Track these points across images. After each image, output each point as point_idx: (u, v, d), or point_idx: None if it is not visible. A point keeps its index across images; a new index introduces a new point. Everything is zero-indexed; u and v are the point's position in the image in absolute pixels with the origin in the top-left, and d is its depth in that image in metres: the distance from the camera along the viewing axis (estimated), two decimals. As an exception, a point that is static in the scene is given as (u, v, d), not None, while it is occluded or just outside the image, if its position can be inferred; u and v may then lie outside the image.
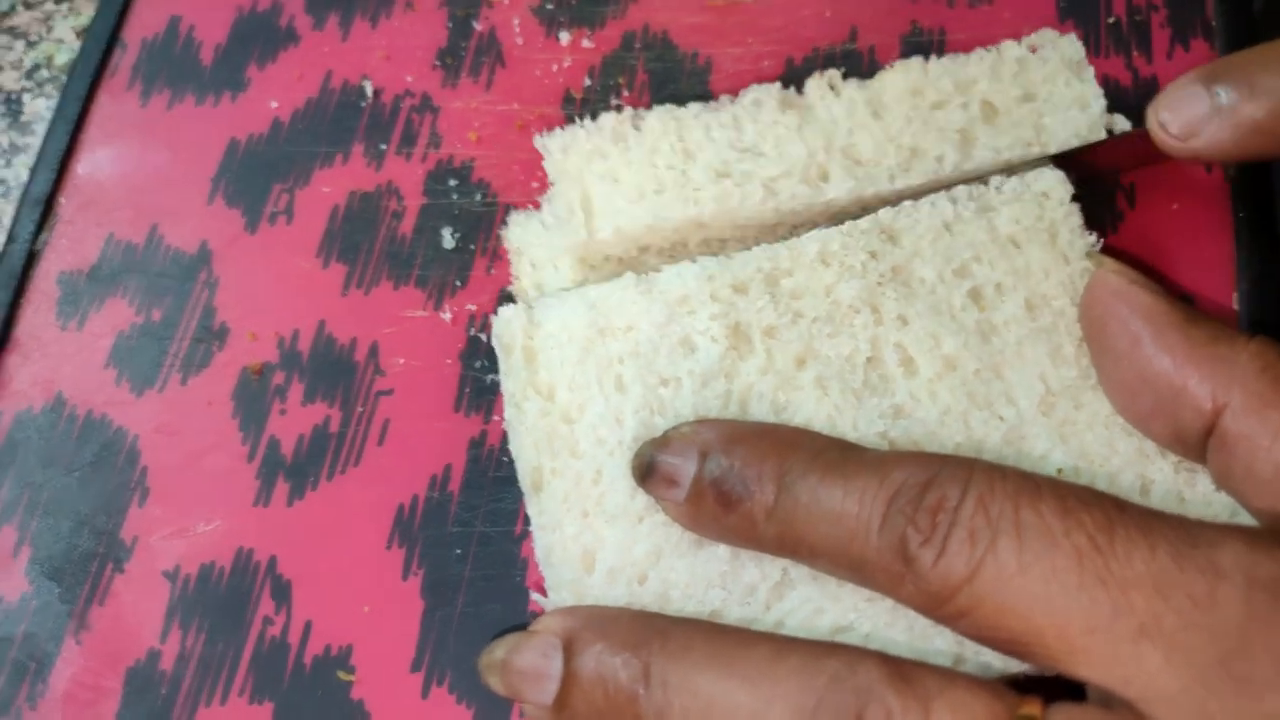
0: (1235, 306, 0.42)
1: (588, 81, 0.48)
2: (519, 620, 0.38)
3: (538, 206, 0.45)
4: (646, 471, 0.34)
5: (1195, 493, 0.36)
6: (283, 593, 0.40)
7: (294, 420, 0.43)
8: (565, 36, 0.50)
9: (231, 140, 0.49)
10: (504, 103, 0.48)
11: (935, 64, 0.43)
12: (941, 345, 0.38)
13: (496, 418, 0.42)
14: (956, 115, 0.41)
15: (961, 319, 0.39)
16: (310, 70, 0.50)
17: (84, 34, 0.55)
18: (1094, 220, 0.42)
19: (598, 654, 0.31)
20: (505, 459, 0.40)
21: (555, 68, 0.49)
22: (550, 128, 0.42)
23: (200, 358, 0.44)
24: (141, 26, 0.52)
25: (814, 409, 0.36)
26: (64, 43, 0.55)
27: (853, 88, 0.43)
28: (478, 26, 0.51)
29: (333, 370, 0.43)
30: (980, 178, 0.41)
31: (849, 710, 0.27)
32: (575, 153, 0.41)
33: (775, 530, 0.31)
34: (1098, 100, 0.42)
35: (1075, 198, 0.40)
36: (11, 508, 0.42)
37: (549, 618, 0.33)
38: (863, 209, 0.41)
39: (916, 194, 0.41)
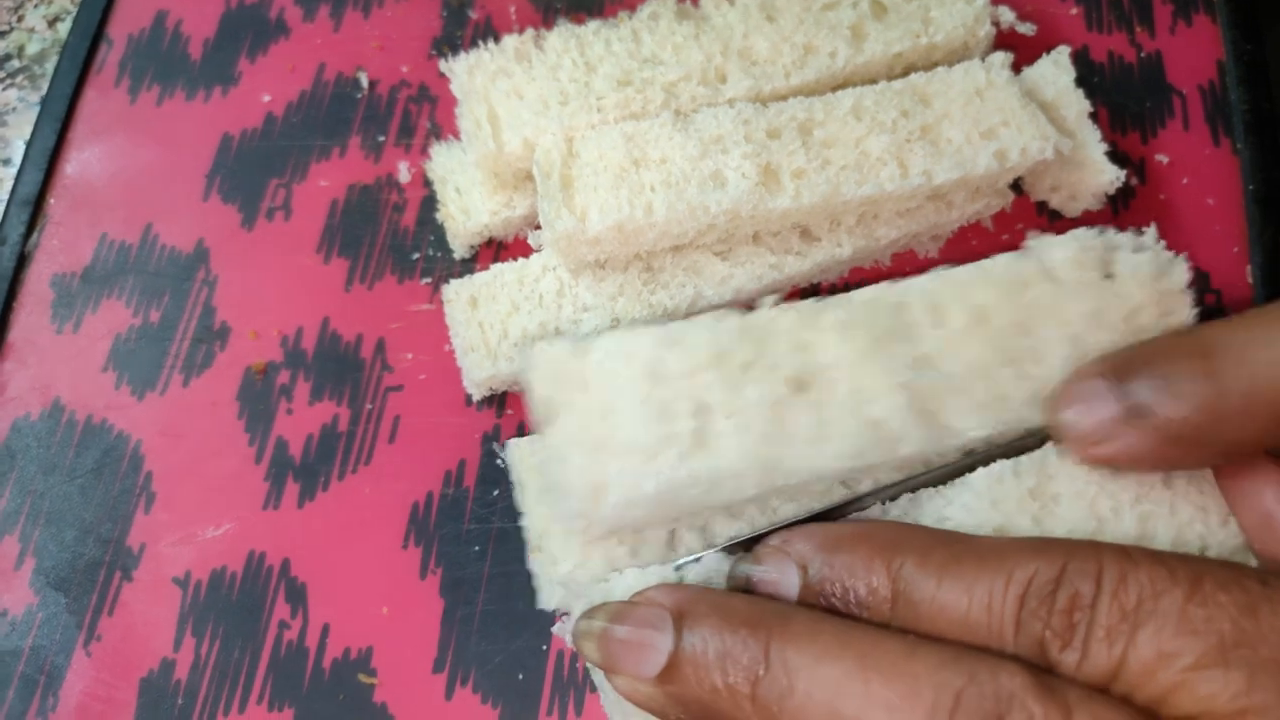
0: (1249, 281, 0.41)
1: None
2: (542, 617, 0.37)
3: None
4: (744, 589, 0.32)
5: None
6: (298, 596, 0.39)
7: (301, 420, 0.42)
8: (563, 22, 0.49)
9: (225, 135, 0.48)
10: (503, 91, 0.46)
11: None
12: (974, 294, 0.36)
13: (510, 411, 0.41)
14: (847, 14, 0.43)
15: (997, 263, 0.37)
16: (302, 62, 0.49)
17: (56, 23, 0.53)
18: (1106, 196, 0.42)
19: (714, 630, 0.29)
20: (521, 453, 0.39)
21: (554, 55, 0.48)
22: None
23: (202, 358, 0.43)
24: (127, 22, 0.51)
25: (837, 351, 0.35)
26: (35, 32, 0.54)
27: None
28: (473, 15, 0.50)
29: (339, 367, 0.42)
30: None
31: (990, 713, 0.26)
32: (480, 72, 0.42)
33: None
34: None
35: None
36: (13, 518, 0.41)
37: (653, 591, 0.31)
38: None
39: (812, 90, 0.42)
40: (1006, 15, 0.45)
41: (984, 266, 0.37)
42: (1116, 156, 0.42)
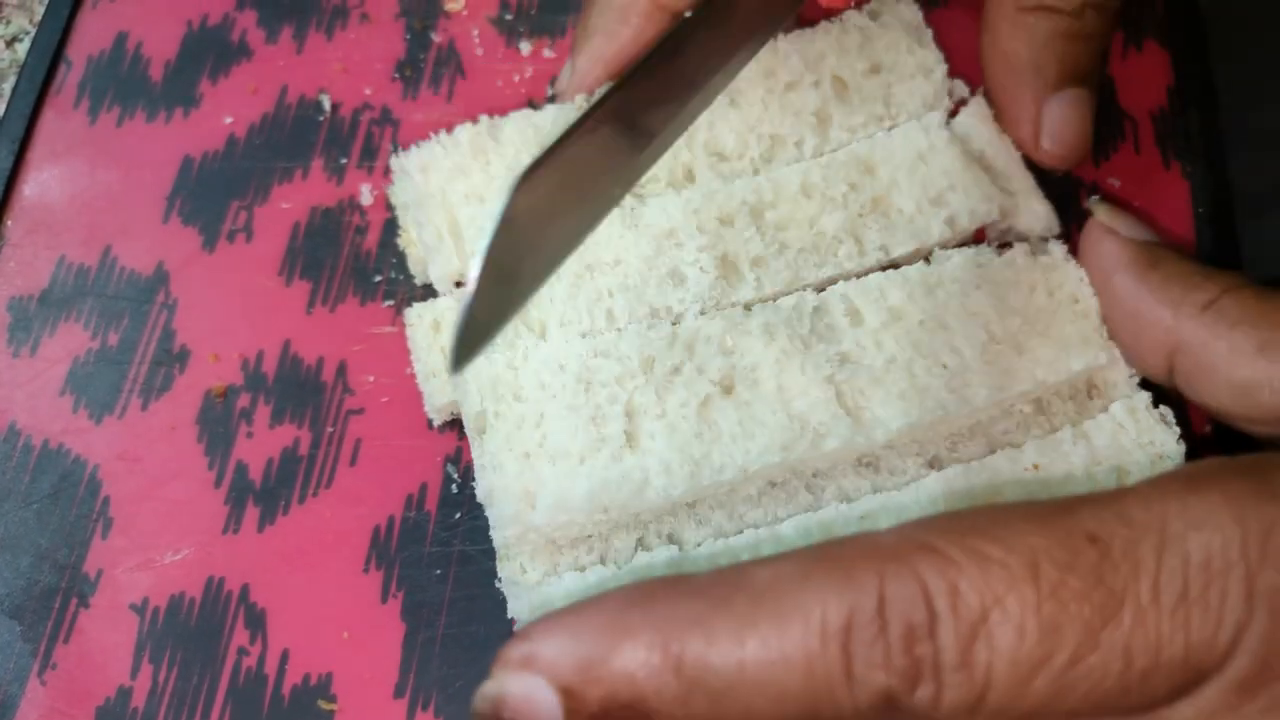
0: (1200, 301, 0.42)
1: (551, 91, 0.48)
2: (504, 640, 0.37)
3: None
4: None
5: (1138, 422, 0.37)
6: (257, 622, 0.38)
7: (261, 443, 0.41)
8: (526, 46, 0.49)
9: (186, 157, 0.47)
10: (466, 114, 0.46)
11: (784, 41, 0.43)
12: (887, 297, 0.38)
13: (472, 434, 0.41)
14: (810, 96, 0.43)
15: (906, 271, 0.39)
16: (265, 84, 0.49)
17: (14, 43, 0.53)
18: (1059, 218, 0.43)
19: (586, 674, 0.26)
20: (483, 476, 0.39)
21: (517, 78, 0.49)
22: (517, 138, 0.42)
23: (161, 382, 0.43)
24: (86, 43, 0.50)
25: (761, 353, 0.37)
26: (-6, 54, 0.53)
27: None
28: (436, 38, 0.50)
29: (300, 390, 0.42)
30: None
31: (916, 595, 0.24)
32: (436, 171, 0.42)
33: None
34: (940, 66, 0.44)
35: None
36: (-34, 544, 0.40)
37: (507, 649, 0.28)
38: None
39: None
40: (961, 90, 0.45)
41: (894, 274, 0.39)
42: (1069, 180, 0.43)
